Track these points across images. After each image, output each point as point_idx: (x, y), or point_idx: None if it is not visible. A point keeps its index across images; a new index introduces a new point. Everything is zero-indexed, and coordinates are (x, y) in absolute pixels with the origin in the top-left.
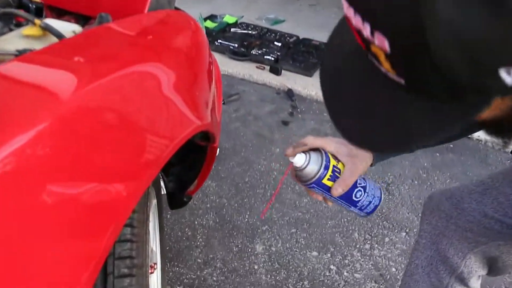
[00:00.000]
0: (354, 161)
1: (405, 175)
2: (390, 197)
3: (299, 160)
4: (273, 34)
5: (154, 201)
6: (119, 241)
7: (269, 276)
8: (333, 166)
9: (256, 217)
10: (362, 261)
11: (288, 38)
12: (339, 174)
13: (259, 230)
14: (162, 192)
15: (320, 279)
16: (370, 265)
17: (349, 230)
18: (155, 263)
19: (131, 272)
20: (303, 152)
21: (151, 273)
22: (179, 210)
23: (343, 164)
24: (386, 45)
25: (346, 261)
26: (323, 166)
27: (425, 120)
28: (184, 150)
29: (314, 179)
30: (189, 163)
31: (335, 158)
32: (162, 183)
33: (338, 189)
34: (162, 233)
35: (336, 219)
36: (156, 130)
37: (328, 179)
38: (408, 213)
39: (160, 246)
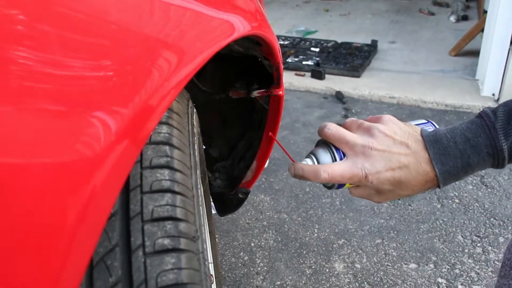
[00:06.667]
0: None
1: None
2: (490, 190)
3: None
4: (308, 42)
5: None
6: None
7: None
8: None
9: (328, 230)
10: (478, 269)
11: (325, 43)
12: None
13: (334, 245)
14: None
15: None
16: (490, 272)
17: (450, 232)
18: (212, 275)
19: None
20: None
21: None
22: (229, 232)
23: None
24: None
25: (457, 271)
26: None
27: None
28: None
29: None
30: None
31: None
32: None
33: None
34: (213, 238)
35: (429, 222)
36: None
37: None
38: None
39: (212, 251)
